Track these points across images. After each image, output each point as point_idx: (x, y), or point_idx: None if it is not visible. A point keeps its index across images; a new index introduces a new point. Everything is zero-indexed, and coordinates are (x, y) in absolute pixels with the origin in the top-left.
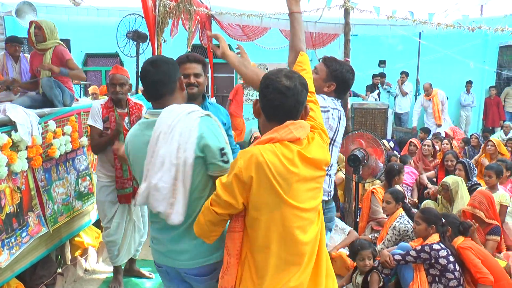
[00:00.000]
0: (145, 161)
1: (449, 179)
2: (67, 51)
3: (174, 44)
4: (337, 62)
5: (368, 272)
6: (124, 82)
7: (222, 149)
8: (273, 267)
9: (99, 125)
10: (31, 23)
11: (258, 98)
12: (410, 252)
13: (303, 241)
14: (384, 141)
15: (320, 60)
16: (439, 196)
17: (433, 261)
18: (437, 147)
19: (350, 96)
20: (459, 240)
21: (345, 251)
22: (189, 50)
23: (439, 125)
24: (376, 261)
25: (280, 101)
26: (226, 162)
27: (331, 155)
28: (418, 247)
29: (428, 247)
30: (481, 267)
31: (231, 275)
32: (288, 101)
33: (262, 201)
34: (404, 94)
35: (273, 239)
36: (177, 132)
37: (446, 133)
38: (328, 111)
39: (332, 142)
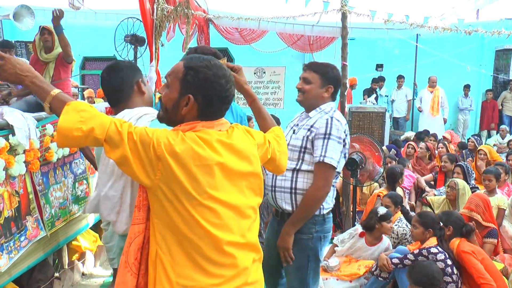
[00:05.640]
0: (98, 169)
1: (459, 180)
2: None
3: (171, 48)
4: (322, 64)
5: None
6: None
7: None
8: (189, 263)
9: None
10: (41, 28)
11: (190, 95)
12: (408, 256)
13: (225, 240)
14: (384, 148)
15: (305, 70)
16: (431, 200)
17: None
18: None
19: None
20: (457, 242)
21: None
22: (184, 52)
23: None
24: (374, 264)
25: (225, 109)
26: None
27: (341, 165)
28: (416, 251)
29: (425, 250)
30: (484, 273)
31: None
32: (228, 107)
33: (177, 188)
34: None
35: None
36: None
37: (444, 137)
38: (344, 143)
39: (344, 155)
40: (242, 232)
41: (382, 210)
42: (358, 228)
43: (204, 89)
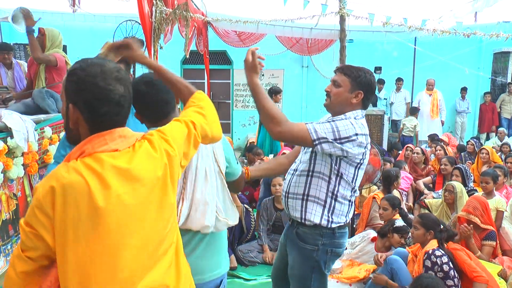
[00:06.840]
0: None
1: (456, 183)
2: (61, 58)
3: (168, 50)
4: (356, 68)
5: None
6: None
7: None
8: None
9: None
10: (39, 29)
11: (70, 103)
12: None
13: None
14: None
15: (336, 72)
16: (429, 203)
17: (438, 269)
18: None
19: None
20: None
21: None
22: (187, 56)
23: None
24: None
25: (117, 114)
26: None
27: (356, 178)
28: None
29: (433, 255)
30: (475, 267)
31: None
32: (123, 111)
33: (66, 237)
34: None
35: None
36: (208, 145)
37: (441, 139)
38: (341, 143)
39: (359, 165)
40: (132, 274)
41: (399, 223)
42: (371, 232)
43: (79, 93)
